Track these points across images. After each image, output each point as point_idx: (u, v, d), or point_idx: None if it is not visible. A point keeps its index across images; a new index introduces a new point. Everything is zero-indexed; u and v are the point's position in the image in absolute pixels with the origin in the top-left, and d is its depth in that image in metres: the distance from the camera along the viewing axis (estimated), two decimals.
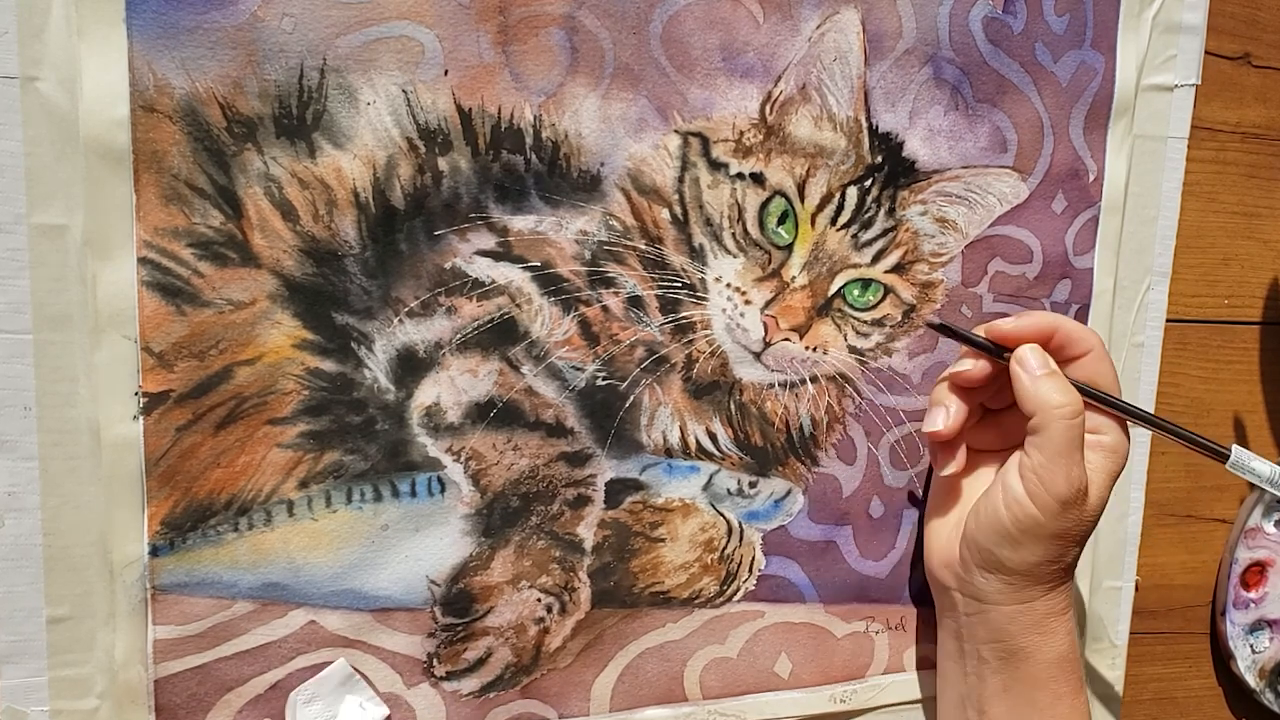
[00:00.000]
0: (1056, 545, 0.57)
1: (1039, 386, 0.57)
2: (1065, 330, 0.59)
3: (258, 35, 0.49)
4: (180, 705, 0.52)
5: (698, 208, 0.58)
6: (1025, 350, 0.58)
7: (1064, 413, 0.56)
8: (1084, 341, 0.59)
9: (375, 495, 0.54)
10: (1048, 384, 0.57)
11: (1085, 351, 0.59)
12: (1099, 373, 0.59)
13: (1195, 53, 0.68)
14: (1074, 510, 0.56)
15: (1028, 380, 0.57)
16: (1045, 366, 0.57)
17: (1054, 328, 0.59)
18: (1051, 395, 0.56)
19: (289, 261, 0.51)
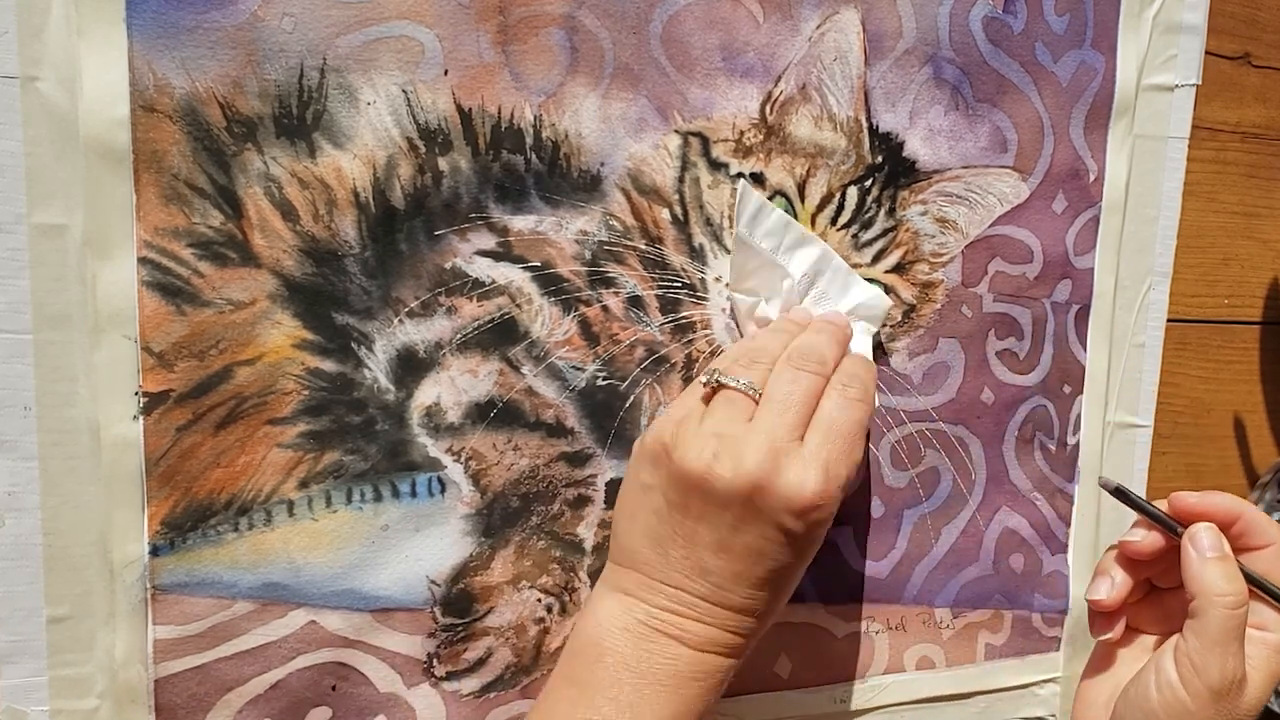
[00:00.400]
0: None
1: (1206, 569, 0.54)
2: (1249, 518, 0.56)
3: (258, 35, 0.49)
4: (180, 705, 0.52)
5: (698, 208, 0.58)
6: (1200, 529, 0.56)
7: (1226, 601, 0.53)
8: (1267, 533, 0.56)
9: (375, 495, 0.54)
10: (1216, 568, 0.54)
11: (1267, 544, 0.56)
12: (1276, 569, 0.56)
13: (1196, 53, 0.68)
14: (1226, 702, 0.54)
15: (1195, 560, 0.55)
16: (1217, 549, 0.55)
17: (1238, 514, 0.57)
18: (1216, 581, 0.54)
19: (289, 261, 0.51)
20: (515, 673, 0.58)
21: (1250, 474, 0.78)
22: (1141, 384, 0.71)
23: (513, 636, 0.57)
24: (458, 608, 0.56)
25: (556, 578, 0.58)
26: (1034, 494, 0.69)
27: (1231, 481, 0.78)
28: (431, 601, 0.56)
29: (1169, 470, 0.75)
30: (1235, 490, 0.77)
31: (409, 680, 0.56)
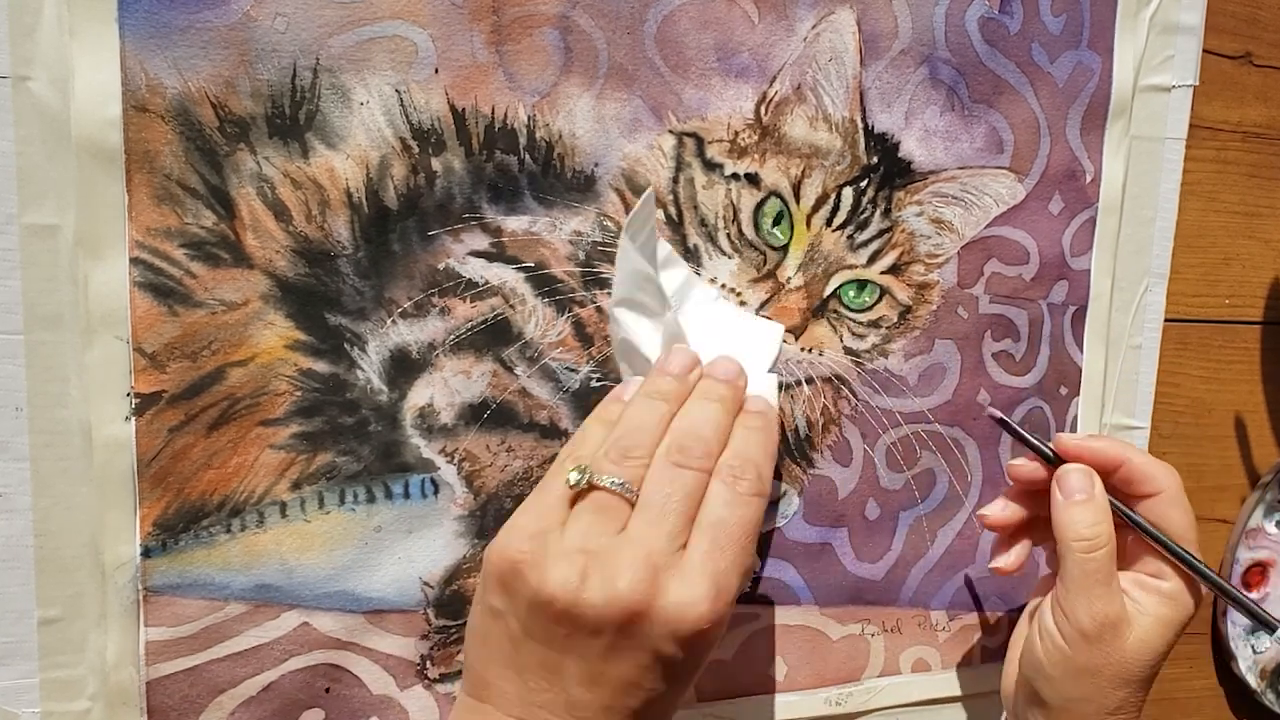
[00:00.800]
0: (1089, 683, 0.55)
1: (1068, 512, 0.55)
2: (1135, 465, 0.56)
3: (250, 35, 0.49)
4: (172, 707, 0.51)
5: (692, 208, 0.57)
6: (1068, 470, 0.56)
7: (1082, 546, 0.54)
8: (1153, 480, 0.56)
9: (368, 497, 0.54)
10: (1076, 511, 0.55)
11: (1155, 492, 0.56)
12: (1167, 518, 0.55)
13: (1193, 53, 0.68)
14: (1101, 646, 0.54)
15: (1060, 504, 0.55)
16: (1084, 491, 0.55)
17: (1121, 459, 0.56)
18: (1074, 525, 0.54)
19: (282, 262, 0.51)
20: None
21: (1251, 474, 0.78)
22: (1138, 385, 0.71)
23: None
24: (451, 609, 0.56)
25: None
26: None
27: (1232, 481, 0.78)
28: (425, 603, 0.56)
29: None
30: (1236, 490, 0.77)
31: (402, 682, 0.56)
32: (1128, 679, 0.55)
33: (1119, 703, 0.55)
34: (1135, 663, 0.55)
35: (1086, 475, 0.56)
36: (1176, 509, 0.56)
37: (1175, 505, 0.56)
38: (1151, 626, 0.55)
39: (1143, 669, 0.55)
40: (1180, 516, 0.56)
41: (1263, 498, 0.77)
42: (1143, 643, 0.55)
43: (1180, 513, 0.56)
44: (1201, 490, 0.77)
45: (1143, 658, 0.55)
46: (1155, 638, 0.55)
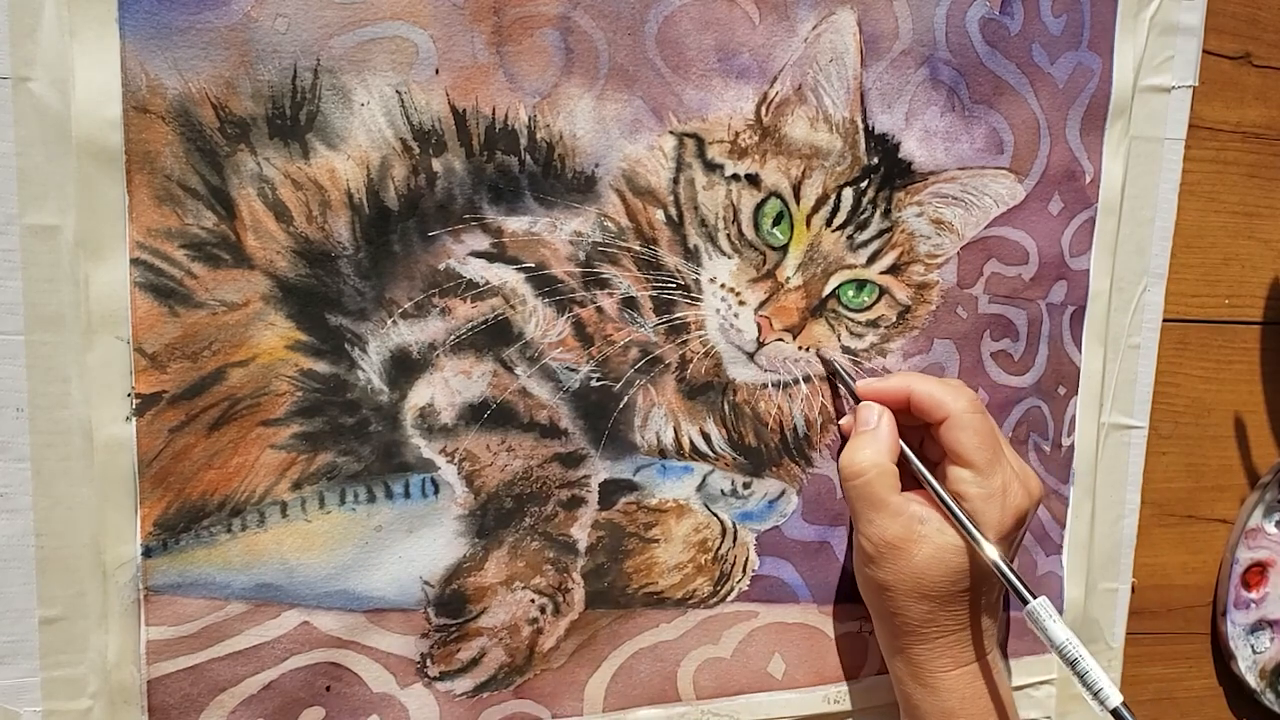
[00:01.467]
0: (887, 598, 0.57)
1: (848, 444, 0.59)
2: (916, 395, 0.59)
3: (251, 35, 0.49)
4: (173, 706, 0.52)
5: (693, 209, 0.58)
6: (861, 406, 0.60)
7: (843, 474, 0.58)
8: (940, 408, 0.58)
9: (369, 496, 0.54)
10: (852, 442, 0.59)
11: (942, 418, 0.58)
12: (956, 441, 0.57)
13: (1192, 54, 0.68)
14: (887, 565, 0.57)
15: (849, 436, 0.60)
16: (864, 426, 0.59)
17: (905, 391, 0.59)
18: (846, 453, 0.59)
19: (282, 262, 0.51)
20: (509, 673, 0.58)
21: (1251, 474, 0.78)
22: (1136, 385, 0.71)
23: (506, 637, 0.57)
24: (451, 608, 0.56)
25: (550, 579, 0.58)
26: None
27: (1232, 481, 0.78)
28: (425, 602, 0.56)
29: (1169, 470, 0.75)
30: (1236, 491, 0.77)
31: (402, 680, 0.56)
32: (925, 594, 0.56)
33: (923, 616, 0.57)
34: (928, 578, 0.56)
35: (871, 410, 0.60)
36: (965, 431, 0.57)
37: (964, 428, 0.57)
38: (942, 545, 0.56)
39: (938, 585, 0.56)
40: (969, 437, 0.57)
41: (1262, 498, 0.77)
42: (934, 559, 0.56)
43: (969, 434, 0.57)
44: (1201, 490, 0.77)
45: (934, 574, 0.56)
46: (947, 555, 0.56)
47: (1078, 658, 0.53)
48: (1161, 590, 0.77)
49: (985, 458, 0.57)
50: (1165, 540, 0.76)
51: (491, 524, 0.56)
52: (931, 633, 0.57)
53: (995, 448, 0.57)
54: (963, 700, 0.58)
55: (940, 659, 0.58)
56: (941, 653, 0.58)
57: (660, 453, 0.59)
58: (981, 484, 0.57)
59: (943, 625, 0.57)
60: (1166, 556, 0.77)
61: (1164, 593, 0.77)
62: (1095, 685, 0.53)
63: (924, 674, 0.58)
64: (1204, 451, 0.77)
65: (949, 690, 0.58)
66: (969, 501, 0.57)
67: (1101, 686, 0.52)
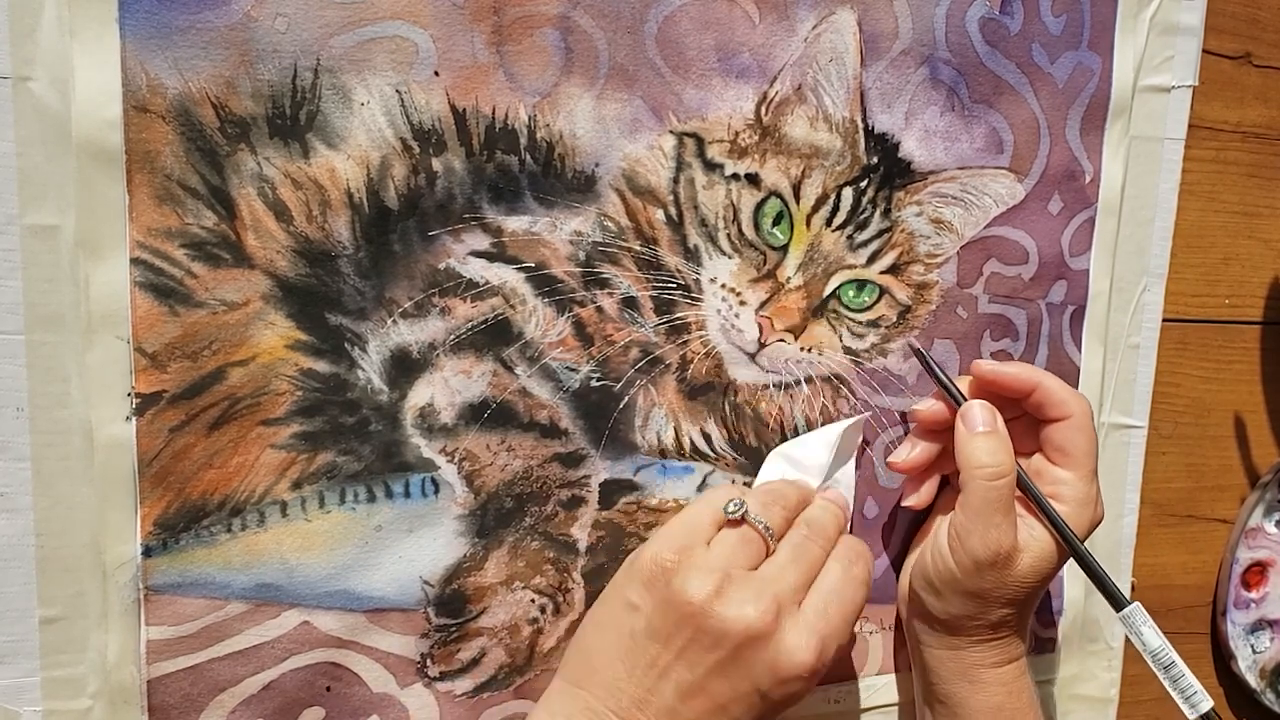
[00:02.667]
0: (976, 603, 0.57)
1: (971, 443, 0.57)
2: (1046, 389, 0.58)
3: (251, 35, 0.49)
4: (173, 705, 0.52)
5: (692, 208, 0.58)
6: (972, 405, 0.58)
7: (984, 474, 0.56)
8: (1063, 406, 0.58)
9: (369, 496, 0.54)
10: (980, 442, 0.57)
11: (1063, 416, 0.58)
12: (1071, 441, 0.58)
13: (1192, 54, 0.68)
14: (992, 573, 0.56)
15: (963, 435, 0.58)
16: (987, 424, 0.57)
17: (1035, 384, 0.59)
18: (977, 454, 0.56)
19: (282, 262, 0.51)
20: (509, 673, 0.58)
21: (1251, 474, 0.78)
22: (1136, 385, 0.71)
23: (506, 637, 0.57)
24: (451, 608, 0.56)
25: (550, 578, 0.58)
26: None
27: (1232, 481, 0.78)
28: (425, 602, 0.56)
29: (1169, 470, 0.75)
30: (1236, 490, 0.77)
31: (402, 680, 0.56)
32: (1013, 601, 0.57)
33: (1000, 619, 0.58)
34: (1023, 587, 0.57)
35: (988, 409, 0.58)
36: (1082, 434, 0.58)
37: (1081, 431, 0.58)
38: (1042, 553, 0.57)
39: (1029, 592, 0.57)
40: (1084, 441, 0.58)
41: (1262, 498, 0.77)
42: (1033, 569, 0.57)
43: (1084, 438, 0.58)
44: (1201, 490, 0.77)
45: (1030, 582, 0.57)
46: (1045, 564, 0.57)
47: (1172, 662, 0.54)
48: (1161, 590, 0.77)
49: (1091, 465, 0.58)
50: (1165, 540, 0.76)
51: (492, 524, 0.56)
52: (1003, 632, 0.58)
53: (1096, 456, 0.58)
54: (1010, 693, 0.58)
55: (995, 655, 0.58)
56: (999, 650, 0.58)
57: (661, 453, 0.59)
58: (1080, 489, 0.57)
59: (1011, 625, 0.58)
60: (1166, 556, 0.77)
61: (1164, 593, 0.77)
62: (1189, 690, 0.54)
63: (975, 670, 0.58)
64: (1204, 451, 0.77)
65: (999, 684, 0.58)
66: (1064, 504, 0.57)
67: (1195, 691, 0.54)
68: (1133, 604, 0.55)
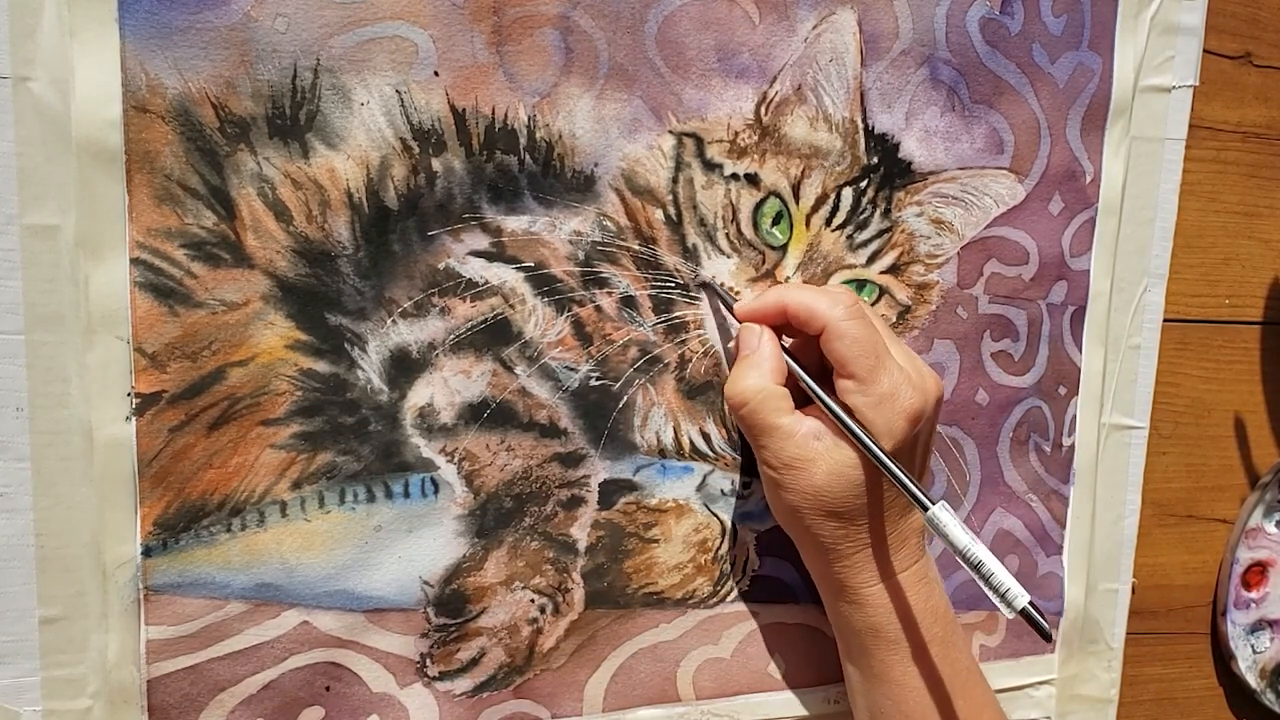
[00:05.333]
0: (797, 519, 0.56)
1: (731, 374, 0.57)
2: (792, 311, 0.56)
3: (251, 35, 0.49)
4: (173, 705, 0.52)
5: (692, 208, 0.58)
6: (740, 332, 0.58)
7: (731, 403, 0.56)
8: (812, 321, 0.55)
9: (368, 496, 0.54)
10: (734, 372, 0.57)
11: (819, 329, 0.55)
12: (834, 351, 0.54)
13: (1193, 54, 0.68)
14: (787, 489, 0.55)
15: None
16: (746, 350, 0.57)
17: (780, 304, 0.56)
18: (727, 384, 0.57)
19: (282, 262, 0.51)
20: (508, 673, 0.58)
21: (1251, 474, 0.78)
22: (1137, 386, 0.71)
23: (506, 637, 0.57)
24: (451, 608, 0.56)
25: (549, 578, 0.58)
26: (1029, 495, 0.69)
27: (1232, 481, 0.78)
28: (425, 602, 0.56)
29: (1169, 470, 0.75)
30: (1236, 490, 0.77)
31: (402, 680, 0.56)
32: (831, 511, 0.55)
33: (835, 534, 0.56)
34: (831, 494, 0.55)
35: (752, 332, 0.57)
36: (841, 340, 0.54)
37: (839, 337, 0.54)
38: (840, 460, 0.54)
39: (843, 500, 0.55)
40: (844, 347, 0.54)
41: (1263, 498, 0.77)
42: (833, 475, 0.54)
43: (845, 343, 0.54)
44: (1201, 490, 0.77)
45: (836, 490, 0.55)
46: (846, 469, 0.54)
47: (980, 561, 0.51)
48: (1162, 590, 0.77)
49: (866, 365, 0.54)
50: (1165, 540, 0.76)
51: (491, 524, 0.56)
52: (847, 549, 0.56)
53: (877, 353, 0.54)
54: (889, 613, 0.57)
55: (861, 574, 0.57)
56: (861, 567, 0.57)
57: (660, 452, 0.59)
58: (866, 392, 0.54)
59: (856, 540, 0.56)
60: (1167, 556, 0.77)
61: (1164, 593, 0.77)
62: (1002, 586, 0.50)
63: (848, 591, 0.57)
64: (1204, 451, 0.77)
65: (875, 604, 0.57)
66: (858, 412, 0.54)
67: (1009, 587, 0.50)
68: (937, 503, 0.52)
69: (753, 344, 0.56)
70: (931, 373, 0.57)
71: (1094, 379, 0.69)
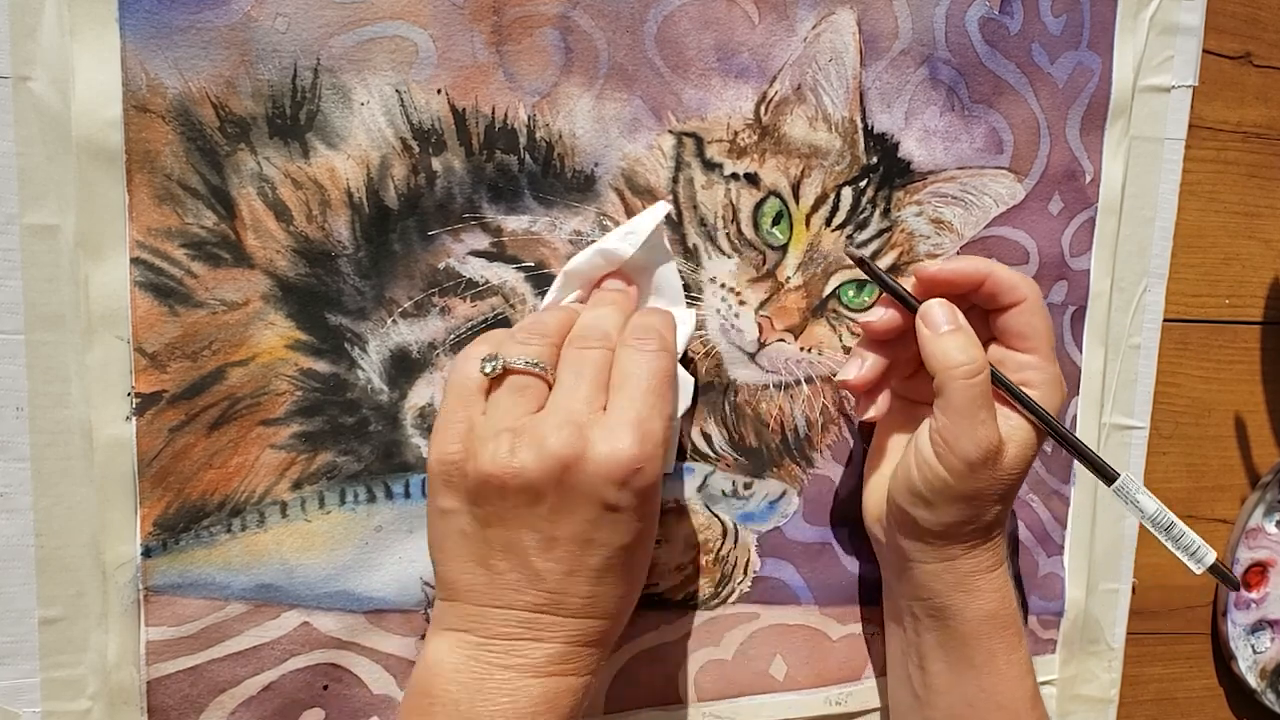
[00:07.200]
0: (971, 506, 0.55)
1: (940, 344, 0.54)
2: (996, 277, 0.56)
3: (251, 35, 0.49)
4: (173, 706, 0.52)
5: (692, 208, 0.58)
6: (931, 305, 0.55)
7: (961, 372, 0.53)
8: (1016, 290, 0.55)
9: (369, 496, 0.54)
10: (949, 341, 0.54)
11: (1017, 301, 0.55)
12: (1029, 325, 0.56)
13: (1192, 54, 0.68)
14: (985, 471, 0.54)
15: (930, 338, 0.54)
16: (951, 322, 0.54)
17: (985, 274, 0.56)
18: (950, 353, 0.53)
19: (282, 262, 0.51)
20: None
21: (1251, 474, 0.78)
22: (1137, 386, 0.71)
23: None
24: None
25: None
26: (1030, 496, 0.69)
27: (1232, 481, 0.78)
28: (425, 603, 0.56)
29: (1170, 470, 0.75)
30: (1236, 490, 0.77)
31: (402, 681, 0.56)
32: (1003, 496, 0.56)
33: (993, 518, 0.56)
34: (1010, 480, 0.55)
35: (948, 307, 0.55)
36: (1038, 316, 0.56)
37: (1036, 312, 0.56)
38: (1025, 441, 0.55)
39: (1015, 484, 0.56)
40: (1040, 323, 0.56)
41: (1263, 498, 0.77)
42: (1018, 458, 0.55)
43: (1040, 319, 0.56)
44: (1201, 490, 0.77)
45: (1015, 473, 0.55)
46: (1028, 450, 0.55)
47: (1171, 523, 0.56)
48: (1162, 590, 0.77)
49: (1051, 344, 0.56)
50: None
51: None
52: (994, 533, 0.57)
53: (1053, 334, 0.57)
54: (1002, 598, 0.57)
55: (988, 559, 0.57)
56: (991, 552, 0.57)
57: None
58: (1047, 370, 0.56)
59: (1000, 526, 0.57)
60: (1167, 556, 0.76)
61: (1165, 593, 0.77)
62: (1192, 546, 0.56)
63: (970, 579, 0.56)
64: (1204, 451, 0.77)
65: (991, 590, 0.57)
66: (1035, 389, 0.55)
67: (1198, 546, 0.56)
68: (1123, 474, 0.54)
69: (954, 318, 0.55)
70: None
71: (1094, 379, 0.69)
